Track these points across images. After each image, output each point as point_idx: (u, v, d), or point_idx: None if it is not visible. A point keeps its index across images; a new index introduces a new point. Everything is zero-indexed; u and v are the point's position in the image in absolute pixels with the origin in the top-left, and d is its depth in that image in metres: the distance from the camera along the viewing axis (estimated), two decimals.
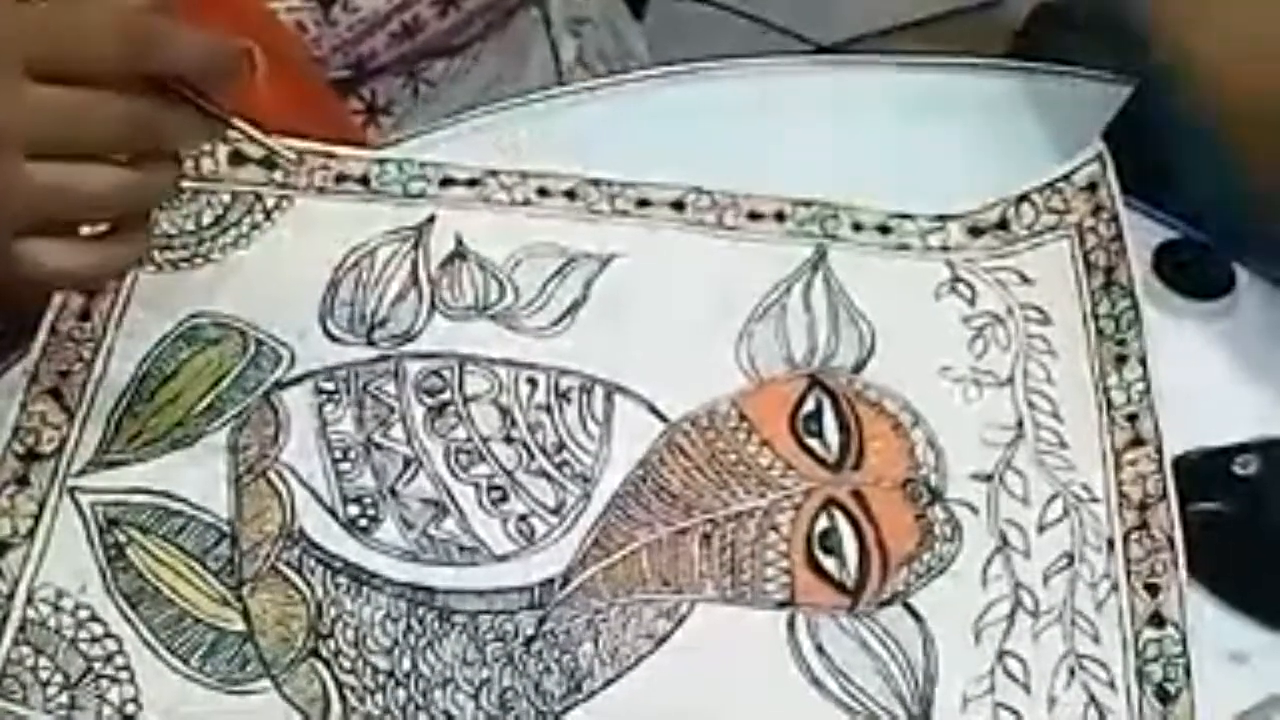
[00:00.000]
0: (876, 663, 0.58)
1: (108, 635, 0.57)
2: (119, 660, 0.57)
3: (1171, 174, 0.72)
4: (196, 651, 0.57)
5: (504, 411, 0.63)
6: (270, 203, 0.69)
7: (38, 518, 0.60)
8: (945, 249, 0.70)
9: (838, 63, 0.85)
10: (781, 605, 0.59)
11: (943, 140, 0.74)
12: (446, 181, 0.70)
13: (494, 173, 0.71)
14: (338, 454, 0.62)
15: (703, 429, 0.63)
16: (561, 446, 0.63)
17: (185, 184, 0.68)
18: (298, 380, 0.64)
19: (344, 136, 0.75)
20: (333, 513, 0.61)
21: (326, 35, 0.78)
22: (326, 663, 0.57)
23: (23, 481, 0.60)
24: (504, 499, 0.61)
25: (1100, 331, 0.66)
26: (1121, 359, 0.65)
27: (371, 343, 0.65)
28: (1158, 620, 0.58)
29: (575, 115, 0.75)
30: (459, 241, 0.69)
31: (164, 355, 0.64)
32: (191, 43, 0.54)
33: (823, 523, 0.61)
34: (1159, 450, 0.62)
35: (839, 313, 0.67)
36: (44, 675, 0.56)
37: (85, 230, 0.56)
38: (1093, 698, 0.57)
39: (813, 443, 0.63)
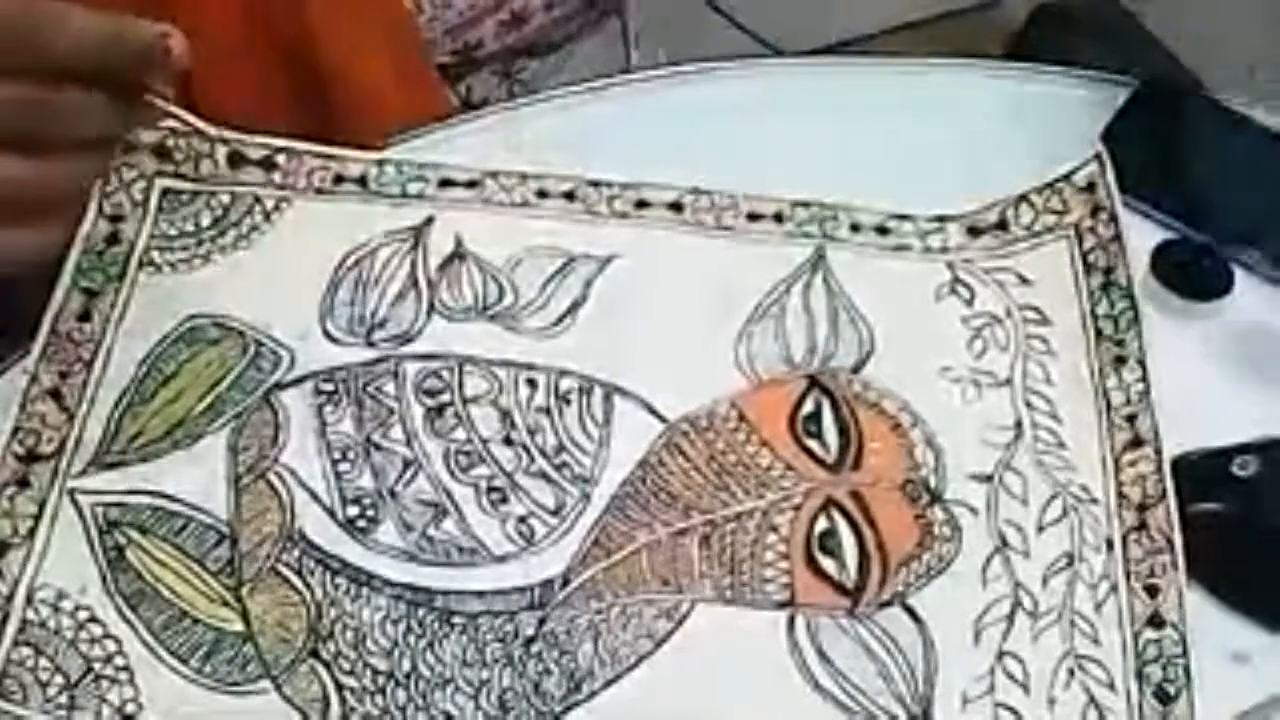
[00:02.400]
0: (876, 663, 0.58)
1: (107, 636, 0.57)
2: (119, 661, 0.57)
3: (1171, 174, 0.72)
4: (196, 652, 0.57)
5: (503, 413, 0.64)
6: (269, 204, 0.69)
7: (37, 519, 0.60)
8: (944, 250, 0.70)
9: (838, 63, 0.84)
10: (781, 606, 0.59)
11: (942, 140, 0.74)
12: (445, 183, 0.70)
13: (493, 174, 0.71)
14: (337, 455, 0.62)
15: (702, 430, 0.63)
16: (561, 448, 0.63)
17: (184, 185, 0.69)
18: (297, 381, 0.64)
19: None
20: (332, 514, 0.61)
21: (440, 18, 0.79)
22: (326, 664, 0.57)
23: (22, 482, 0.60)
24: (503, 500, 0.61)
25: (1099, 332, 0.66)
26: (1120, 359, 0.65)
27: (371, 344, 0.65)
28: (1157, 621, 0.58)
29: (577, 115, 0.75)
30: (458, 242, 0.69)
31: (164, 356, 0.64)
32: (85, 29, 0.51)
33: (822, 524, 0.61)
34: (1158, 451, 0.62)
35: (838, 313, 0.67)
36: (44, 676, 0.56)
37: None
38: (1092, 698, 0.57)
39: (812, 443, 0.63)
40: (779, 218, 0.70)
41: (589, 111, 0.76)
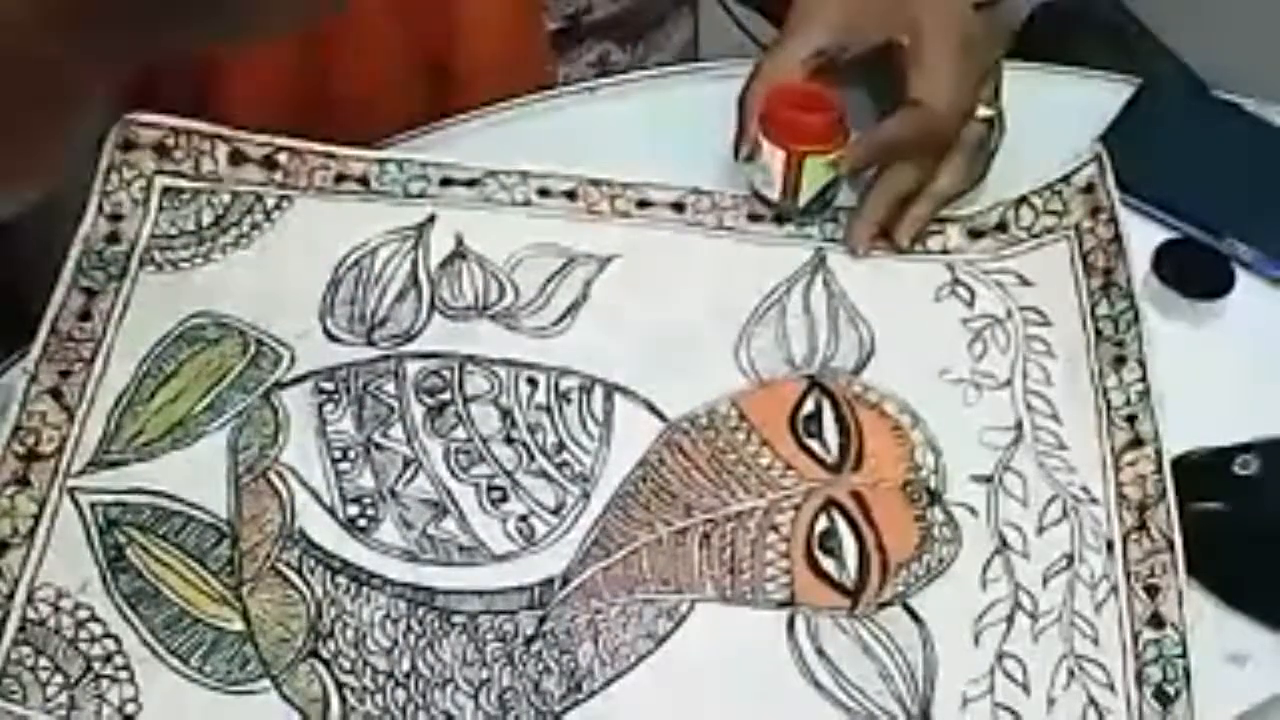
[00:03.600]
0: (876, 663, 0.58)
1: (107, 635, 0.57)
2: (118, 660, 0.57)
3: (1173, 173, 0.72)
4: (196, 651, 0.57)
5: (504, 412, 0.64)
6: (270, 203, 0.69)
7: (38, 518, 0.60)
8: (945, 251, 0.70)
9: None
10: (781, 605, 0.59)
11: None
12: (446, 181, 0.70)
13: (494, 173, 0.71)
14: (337, 454, 0.62)
15: (702, 429, 0.63)
16: (561, 447, 0.63)
17: (185, 184, 0.69)
18: (298, 380, 0.64)
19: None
20: (332, 513, 0.61)
21: None
22: (326, 663, 0.57)
23: (23, 481, 0.60)
24: (504, 499, 0.61)
25: (1099, 333, 0.66)
26: (1120, 360, 0.65)
27: (371, 342, 0.65)
28: (1157, 621, 0.58)
29: (577, 115, 0.75)
30: (459, 241, 0.69)
31: (164, 355, 0.64)
32: None
33: (822, 523, 0.61)
34: (1158, 451, 0.62)
35: (839, 315, 0.67)
36: (44, 675, 0.56)
37: None
38: (1092, 699, 0.57)
39: (812, 444, 0.63)
40: (780, 219, 0.70)
41: (586, 112, 0.76)
